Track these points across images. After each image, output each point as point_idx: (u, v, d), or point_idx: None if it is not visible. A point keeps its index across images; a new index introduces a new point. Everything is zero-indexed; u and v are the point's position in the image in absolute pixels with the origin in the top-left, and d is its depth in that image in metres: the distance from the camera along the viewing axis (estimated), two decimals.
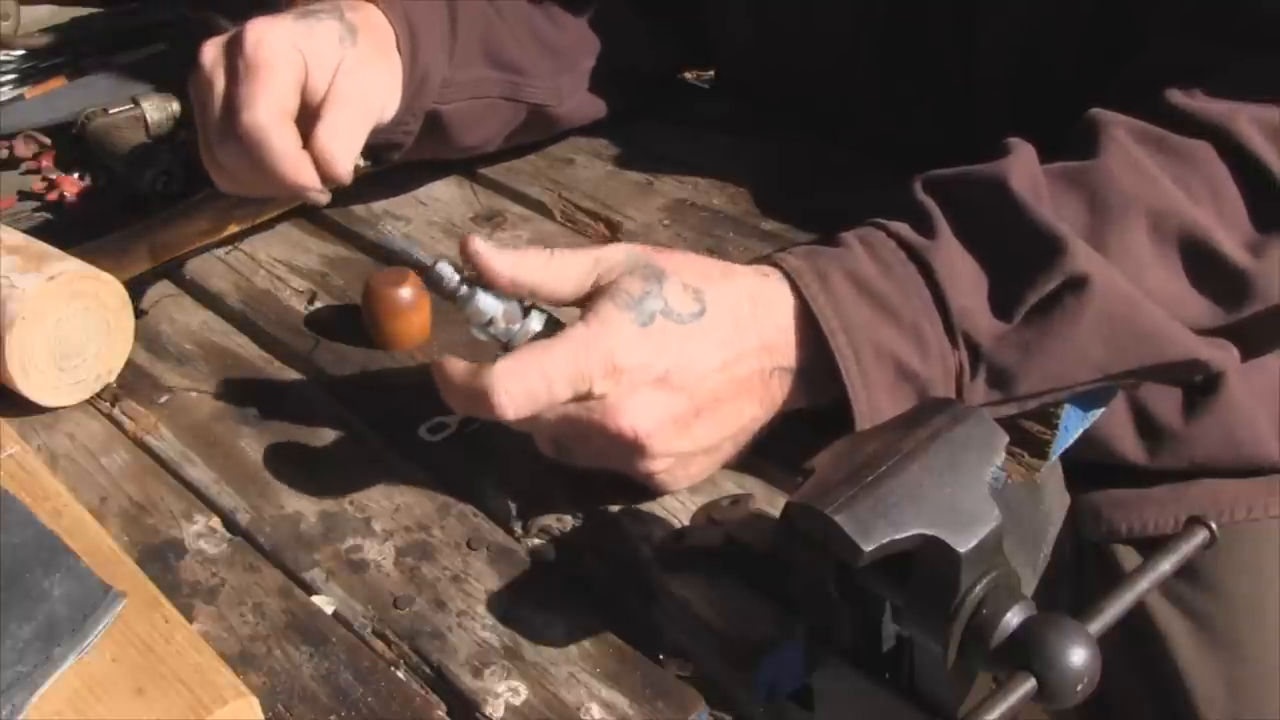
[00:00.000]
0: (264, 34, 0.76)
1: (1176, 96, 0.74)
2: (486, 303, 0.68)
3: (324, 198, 0.78)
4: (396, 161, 0.95)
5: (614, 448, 0.67)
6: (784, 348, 0.69)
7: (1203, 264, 0.71)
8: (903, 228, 0.71)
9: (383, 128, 0.85)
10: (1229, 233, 0.71)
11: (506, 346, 0.69)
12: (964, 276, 0.69)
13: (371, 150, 0.88)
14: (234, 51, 0.77)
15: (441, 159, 1.01)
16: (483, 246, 0.68)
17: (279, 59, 0.76)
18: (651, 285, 0.67)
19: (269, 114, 0.75)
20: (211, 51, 0.78)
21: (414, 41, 0.85)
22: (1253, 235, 0.72)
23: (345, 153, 0.77)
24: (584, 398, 0.66)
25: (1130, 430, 0.97)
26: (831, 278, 0.69)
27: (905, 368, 0.68)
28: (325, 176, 0.76)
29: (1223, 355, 0.74)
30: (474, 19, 0.93)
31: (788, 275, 0.70)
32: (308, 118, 0.78)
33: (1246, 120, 0.72)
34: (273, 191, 0.80)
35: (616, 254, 0.69)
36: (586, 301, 0.68)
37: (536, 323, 0.69)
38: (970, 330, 0.69)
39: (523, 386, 0.64)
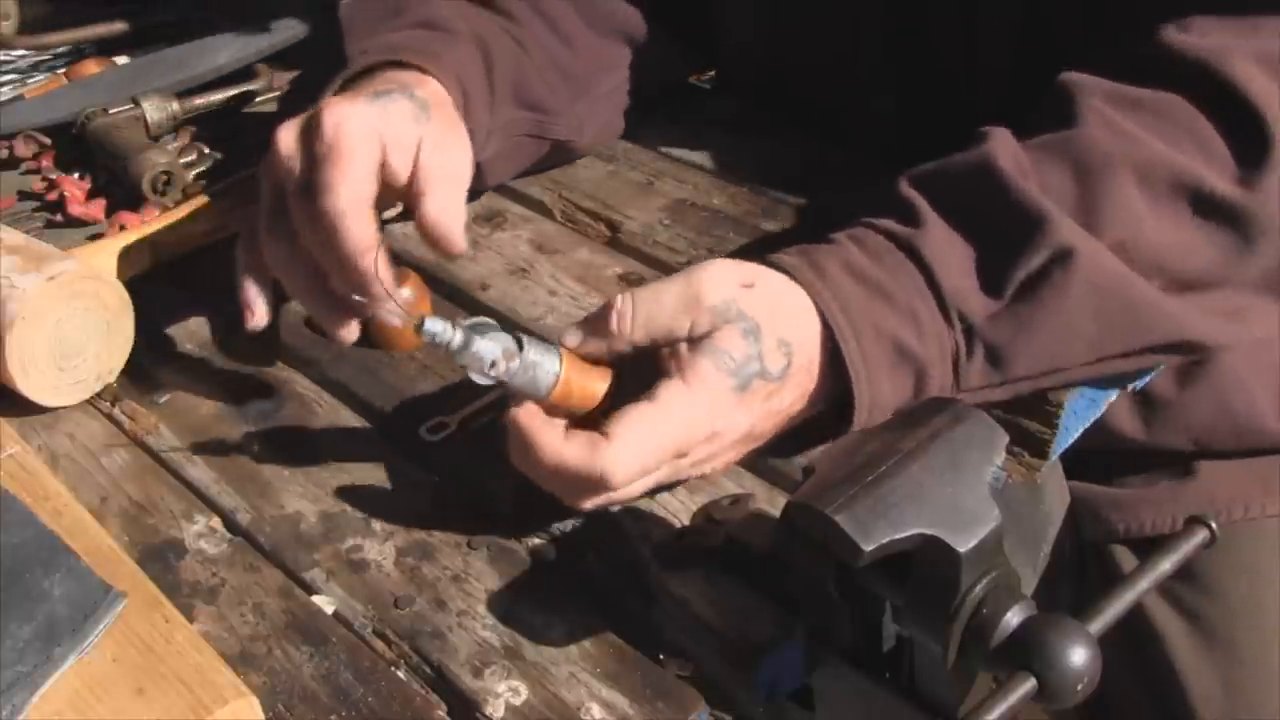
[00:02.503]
0: (343, 120, 0.74)
1: (1169, 33, 0.74)
2: (485, 348, 0.66)
3: (394, 319, 0.75)
4: None
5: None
6: (820, 377, 0.70)
7: (1198, 205, 0.72)
8: (889, 223, 0.72)
9: None
10: (1216, 172, 0.72)
11: (507, 384, 0.67)
12: (953, 258, 0.70)
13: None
14: (312, 136, 0.75)
15: None
16: (573, 340, 0.69)
17: (359, 144, 0.74)
18: (752, 347, 0.66)
19: (349, 200, 0.73)
20: (288, 136, 0.76)
21: (467, 105, 0.85)
22: (1240, 170, 0.72)
23: (457, 226, 0.75)
24: (679, 457, 0.67)
25: (1126, 402, 0.97)
26: (827, 267, 0.70)
27: (904, 347, 0.69)
28: (443, 250, 0.75)
29: (1230, 331, 0.74)
30: (505, 62, 0.92)
31: (785, 271, 0.70)
32: (391, 197, 0.77)
33: (1241, 56, 0.72)
34: (337, 283, 0.75)
35: (712, 295, 0.67)
36: (678, 345, 0.67)
37: (534, 352, 0.67)
38: (963, 309, 0.70)
39: (639, 463, 0.64)
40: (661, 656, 0.64)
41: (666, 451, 0.65)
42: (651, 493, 0.70)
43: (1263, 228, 0.73)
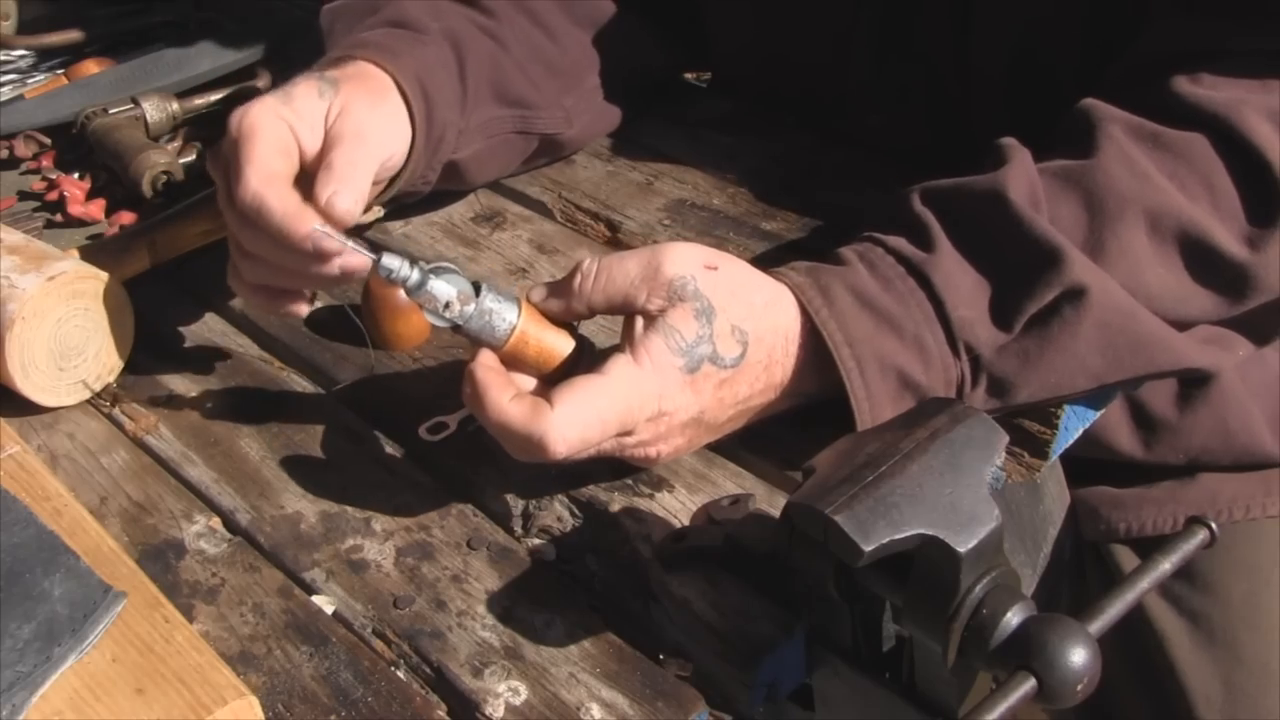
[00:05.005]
0: (244, 112, 0.75)
1: (1182, 84, 0.74)
2: (440, 288, 0.68)
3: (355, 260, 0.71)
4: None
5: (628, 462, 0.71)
6: (799, 378, 0.71)
7: (1202, 260, 0.72)
8: (901, 242, 0.72)
9: (400, 182, 0.85)
10: (1226, 228, 0.72)
11: (461, 328, 0.68)
12: (963, 288, 0.70)
13: (391, 199, 0.88)
14: (222, 142, 0.76)
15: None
16: (537, 296, 0.70)
17: (261, 127, 0.74)
18: (704, 329, 0.67)
19: (259, 179, 0.72)
20: (210, 158, 0.77)
21: (428, 103, 0.84)
22: (1250, 229, 0.72)
23: (348, 189, 0.73)
24: (623, 434, 0.67)
25: (1126, 423, 0.97)
26: (834, 292, 0.70)
27: (908, 378, 0.69)
28: (329, 217, 0.72)
29: (1221, 357, 0.74)
30: (481, 61, 0.92)
31: (790, 290, 0.70)
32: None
33: (1254, 110, 0.72)
34: (294, 266, 0.75)
35: (672, 269, 0.68)
36: (634, 319, 0.68)
37: (491, 300, 0.68)
38: (971, 340, 0.70)
39: (579, 434, 0.65)
40: (661, 656, 0.64)
41: (609, 425, 0.66)
42: (616, 475, 0.72)
43: (1259, 289, 0.73)
